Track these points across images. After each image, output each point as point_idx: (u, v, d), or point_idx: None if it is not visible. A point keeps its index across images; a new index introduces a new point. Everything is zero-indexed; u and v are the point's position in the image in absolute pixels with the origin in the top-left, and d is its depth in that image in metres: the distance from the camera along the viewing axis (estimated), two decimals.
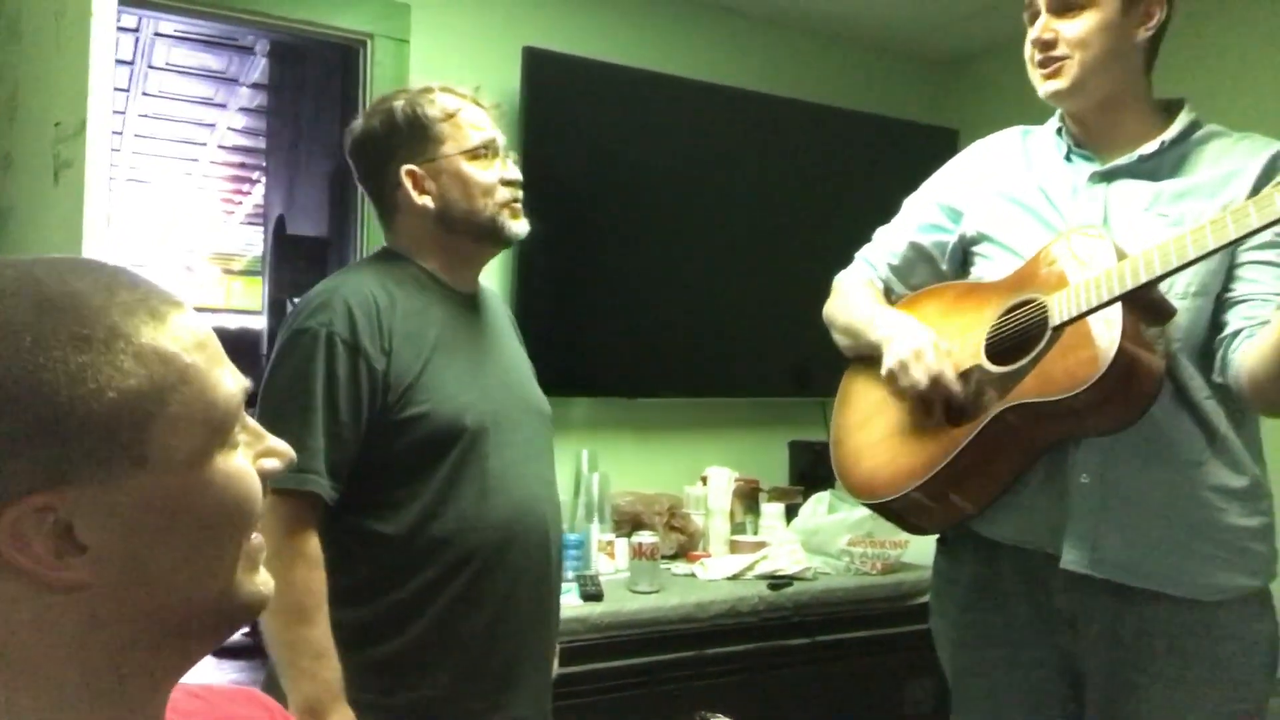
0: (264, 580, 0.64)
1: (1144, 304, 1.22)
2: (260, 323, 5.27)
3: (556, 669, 1.62)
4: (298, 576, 1.29)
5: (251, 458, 0.63)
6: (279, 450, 0.65)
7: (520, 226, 1.51)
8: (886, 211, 1.68)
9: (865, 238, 1.70)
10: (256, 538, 0.63)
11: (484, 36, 2.66)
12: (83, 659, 0.57)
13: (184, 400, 0.57)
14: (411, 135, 1.46)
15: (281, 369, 1.37)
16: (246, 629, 2.76)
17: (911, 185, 1.67)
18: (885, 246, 1.63)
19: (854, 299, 1.60)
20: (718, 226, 2.93)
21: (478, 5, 2.67)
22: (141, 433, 0.55)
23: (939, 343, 1.39)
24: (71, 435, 0.54)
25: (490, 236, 1.50)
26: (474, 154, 1.47)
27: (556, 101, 2.65)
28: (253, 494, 0.61)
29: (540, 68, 2.60)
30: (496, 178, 1.48)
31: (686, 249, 2.88)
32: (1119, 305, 1.20)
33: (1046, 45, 1.37)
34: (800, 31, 3.18)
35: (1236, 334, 1.26)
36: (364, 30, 2.52)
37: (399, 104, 1.48)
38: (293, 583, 1.28)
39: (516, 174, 1.51)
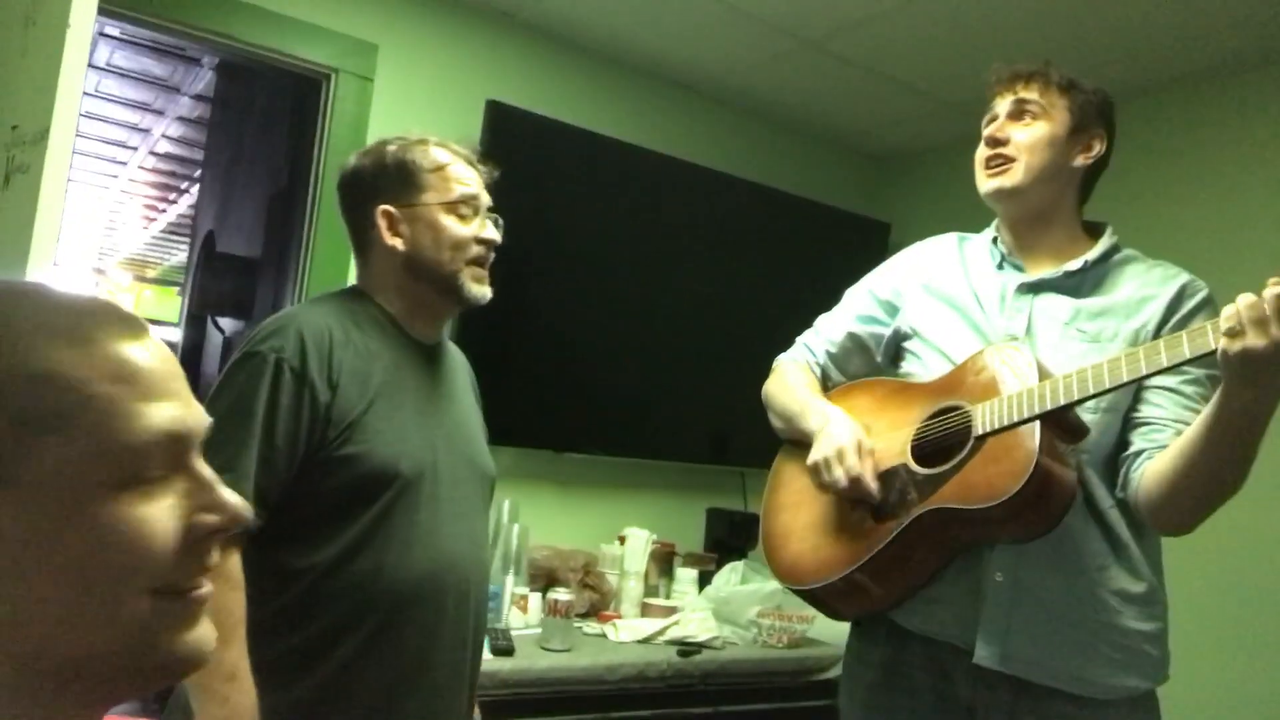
0: (198, 637, 0.59)
1: (1062, 423, 1.31)
2: (174, 335, 5.12)
3: None
4: (216, 597, 1.21)
5: (187, 508, 0.57)
6: (223, 504, 0.59)
7: (481, 291, 1.50)
8: (816, 294, 1.75)
9: (793, 316, 1.77)
10: (200, 592, 0.59)
11: (449, 83, 2.70)
12: None
13: (82, 429, 0.53)
14: (397, 179, 1.48)
15: (227, 388, 1.36)
16: None
17: (842, 271, 1.74)
18: (824, 334, 1.70)
19: (791, 384, 1.66)
20: (655, 292, 2.99)
21: (445, 52, 2.71)
22: (18, 456, 0.52)
23: (864, 442, 1.45)
24: None
25: (449, 293, 1.49)
26: (453, 207, 1.48)
27: (514, 156, 2.67)
28: (151, 545, 0.55)
29: (501, 121, 2.64)
30: (471, 234, 1.49)
31: (623, 312, 2.93)
32: (1038, 423, 1.28)
33: (998, 142, 1.49)
34: (749, 115, 3.30)
35: (1138, 454, 1.35)
36: (329, 64, 2.53)
37: (392, 148, 1.50)
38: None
39: (494, 235, 1.52)
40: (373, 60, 2.58)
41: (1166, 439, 1.33)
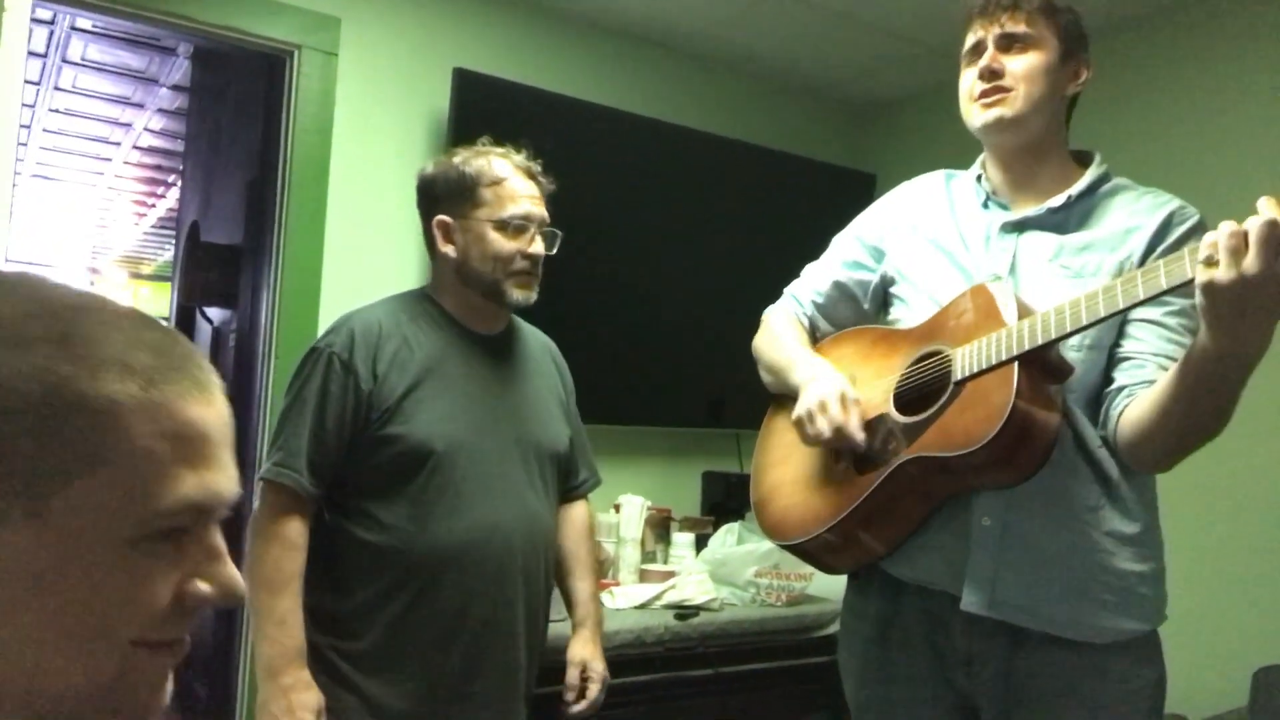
0: (161, 696, 0.58)
1: (1042, 363, 1.27)
2: None
3: (595, 696, 1.78)
4: (271, 554, 1.54)
5: (188, 572, 0.57)
6: (224, 580, 0.59)
7: (524, 296, 1.68)
8: (804, 250, 1.72)
9: (782, 274, 1.74)
10: (172, 652, 0.58)
11: (415, 54, 2.66)
12: None
13: (117, 478, 0.53)
14: (456, 191, 1.67)
15: (294, 380, 1.62)
16: None
17: (829, 226, 1.71)
18: (811, 284, 1.66)
19: (780, 337, 1.63)
20: (640, 257, 2.96)
21: (410, 22, 2.67)
22: (56, 486, 0.52)
23: (847, 393, 1.42)
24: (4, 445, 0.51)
25: (495, 298, 1.68)
26: (502, 224, 1.65)
27: (485, 124, 2.61)
28: (143, 605, 0.55)
29: (470, 89, 2.60)
30: (516, 249, 1.65)
31: (608, 279, 2.90)
32: (1015, 364, 1.24)
33: (994, 74, 1.40)
34: (726, 70, 3.25)
35: (1119, 390, 1.31)
36: (292, 41, 2.49)
37: (458, 159, 1.70)
38: (265, 559, 1.54)
39: (540, 250, 1.69)
40: (336, 34, 2.54)
41: (1149, 374, 1.29)
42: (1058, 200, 1.41)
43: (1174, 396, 1.20)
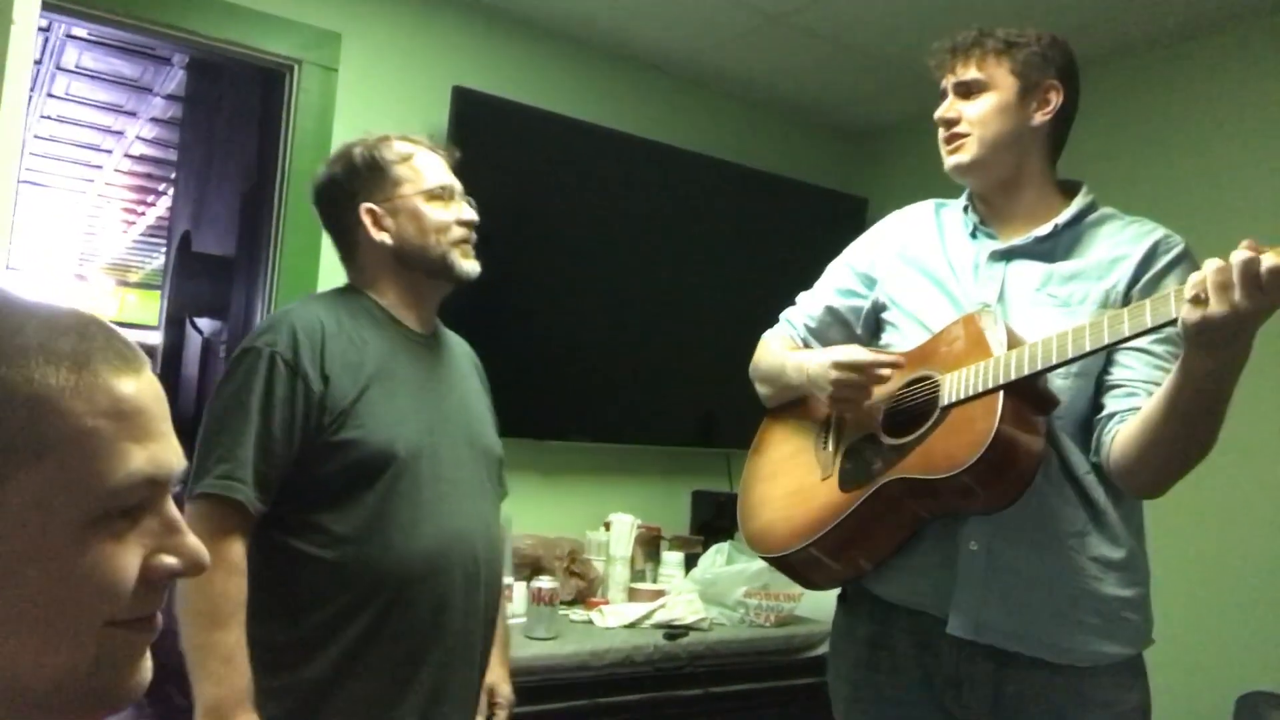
0: (142, 672, 0.58)
1: (1028, 393, 1.29)
2: (154, 338, 5.08)
3: (509, 697, 1.70)
4: (215, 581, 1.33)
5: (150, 547, 0.57)
6: (187, 551, 0.59)
7: (471, 266, 1.59)
8: (796, 272, 1.74)
9: (773, 295, 1.76)
10: (145, 628, 0.58)
11: (414, 71, 2.67)
12: None
13: (64, 461, 0.53)
14: (371, 177, 1.56)
15: (227, 383, 1.45)
16: None
17: (822, 249, 1.73)
18: (804, 309, 1.69)
19: (774, 352, 1.67)
20: (633, 276, 2.97)
21: (410, 39, 2.68)
22: (4, 479, 0.51)
23: (855, 348, 1.48)
24: None
25: (442, 273, 1.57)
26: (431, 195, 1.56)
27: (483, 142, 2.66)
28: (112, 584, 0.55)
29: (469, 108, 2.61)
30: (453, 218, 1.57)
31: (601, 296, 2.91)
32: (1001, 393, 1.26)
33: (950, 123, 1.47)
34: (722, 94, 3.28)
35: (1110, 417, 1.33)
36: (292, 56, 2.50)
37: (357, 150, 1.57)
38: (209, 587, 1.33)
39: (473, 215, 1.60)
40: (336, 50, 2.55)
41: (1139, 401, 1.31)
42: (1044, 229, 1.44)
43: (1164, 417, 1.22)
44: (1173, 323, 1.11)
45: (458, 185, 1.61)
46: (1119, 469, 1.30)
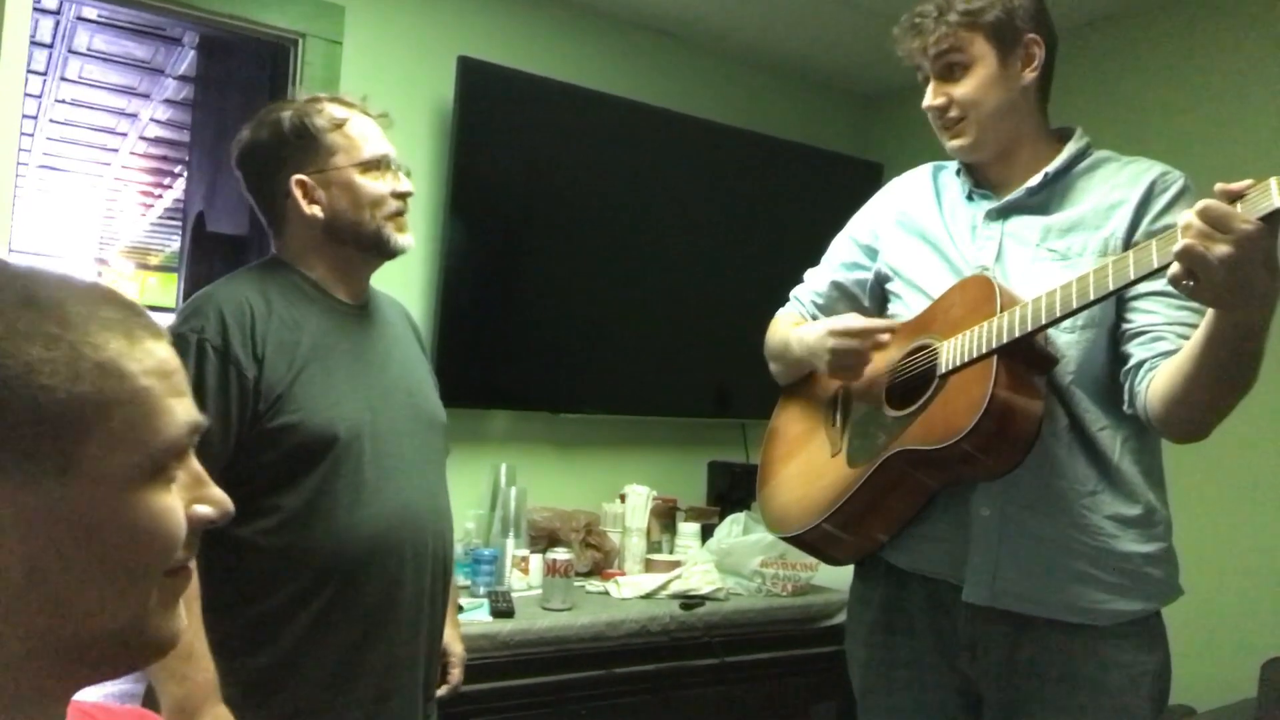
0: (178, 617, 0.61)
1: (1025, 354, 1.26)
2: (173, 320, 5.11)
3: (459, 679, 1.65)
4: None
5: (186, 499, 0.61)
6: (216, 499, 0.63)
7: (405, 240, 1.52)
8: (811, 239, 1.72)
9: (789, 263, 1.74)
10: (184, 575, 0.61)
11: (418, 42, 2.64)
12: None
13: (128, 420, 0.57)
14: (301, 145, 1.47)
15: None
16: None
17: (836, 215, 1.70)
18: (811, 286, 1.68)
19: (782, 328, 1.65)
20: (646, 245, 2.94)
21: (413, 10, 2.65)
22: (76, 440, 0.55)
23: (854, 317, 1.48)
24: (10, 424, 0.53)
25: (374, 248, 1.51)
26: (366, 166, 1.48)
27: (489, 112, 2.64)
28: (173, 534, 0.59)
29: (474, 78, 2.59)
30: (388, 190, 1.50)
31: (614, 266, 2.89)
32: (995, 357, 1.24)
33: (941, 111, 1.43)
34: (732, 59, 3.23)
35: (1140, 365, 1.28)
36: (296, 29, 2.48)
37: (286, 114, 1.48)
38: None
39: (408, 187, 1.53)
40: (340, 22, 2.53)
41: (1169, 345, 1.25)
42: (1035, 180, 1.40)
43: (1201, 362, 1.16)
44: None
45: (393, 153, 1.53)
46: (1158, 418, 1.26)
